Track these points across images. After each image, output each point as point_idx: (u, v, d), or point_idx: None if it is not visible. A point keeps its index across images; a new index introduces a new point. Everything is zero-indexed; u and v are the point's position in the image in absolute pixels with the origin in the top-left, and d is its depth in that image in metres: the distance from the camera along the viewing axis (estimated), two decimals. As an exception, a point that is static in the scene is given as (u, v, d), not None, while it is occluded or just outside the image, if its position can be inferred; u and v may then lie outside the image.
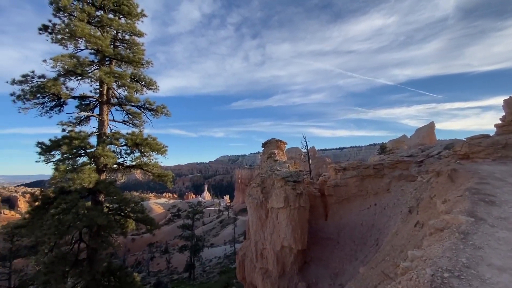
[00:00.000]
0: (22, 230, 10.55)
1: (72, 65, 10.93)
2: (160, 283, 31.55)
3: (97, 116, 12.30)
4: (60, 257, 10.17)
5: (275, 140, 14.21)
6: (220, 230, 75.78)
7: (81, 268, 10.44)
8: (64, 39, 11.17)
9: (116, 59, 12.80)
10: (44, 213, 10.09)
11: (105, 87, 12.35)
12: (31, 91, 10.52)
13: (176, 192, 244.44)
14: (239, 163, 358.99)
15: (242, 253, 13.80)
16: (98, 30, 12.24)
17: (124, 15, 13.08)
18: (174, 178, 14.15)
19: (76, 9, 11.44)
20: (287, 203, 10.07)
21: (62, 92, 10.95)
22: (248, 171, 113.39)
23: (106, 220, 10.31)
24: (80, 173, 9.86)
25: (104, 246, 10.95)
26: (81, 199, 10.33)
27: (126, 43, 13.46)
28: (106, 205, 11.89)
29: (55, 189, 10.52)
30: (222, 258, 43.54)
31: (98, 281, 10.86)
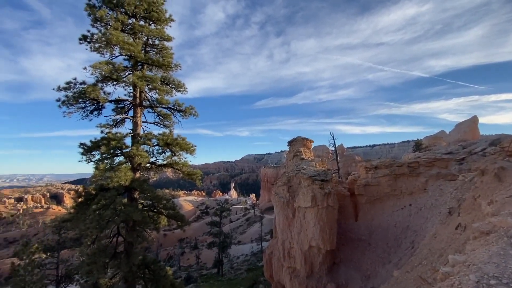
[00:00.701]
0: (68, 224, 11.60)
1: (109, 71, 11.74)
2: (190, 278, 32.81)
3: (131, 118, 13.07)
4: (101, 249, 10.99)
5: (301, 138, 13.99)
6: (246, 228, 76.67)
7: (119, 260, 11.18)
8: (101, 47, 12.02)
9: (147, 64, 13.49)
10: (86, 209, 10.97)
11: (138, 91, 13.10)
12: (74, 96, 11.45)
13: (204, 190, 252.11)
14: (265, 161, 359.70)
15: (269, 251, 13.81)
16: (130, 37, 13.00)
17: (154, 21, 13.72)
18: (202, 176, 14.60)
19: (111, 19, 12.24)
20: (315, 202, 9.87)
21: (100, 96, 11.81)
22: (274, 170, 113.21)
23: (141, 216, 10.96)
24: (117, 172, 10.55)
25: (139, 240, 11.65)
26: (118, 196, 11.08)
27: (156, 48, 14.12)
28: (141, 202, 12.59)
29: (95, 187, 11.38)
30: (249, 256, 44.02)
31: (134, 273, 11.57)
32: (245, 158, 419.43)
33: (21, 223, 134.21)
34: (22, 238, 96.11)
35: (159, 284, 11.75)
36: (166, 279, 11.80)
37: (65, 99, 11.41)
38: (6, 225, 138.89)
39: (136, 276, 11.71)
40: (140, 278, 12.02)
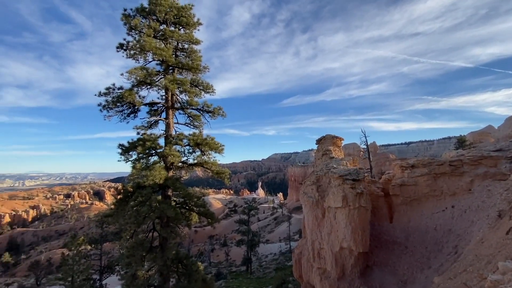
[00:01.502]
0: (109, 219, 12.52)
1: (143, 76, 12.45)
2: (220, 274, 33.66)
3: (164, 120, 13.73)
4: (138, 243, 11.72)
5: (330, 136, 13.58)
6: (274, 227, 76.59)
7: (155, 254, 11.83)
8: (136, 54, 12.78)
9: (178, 67, 14.05)
10: (125, 205, 11.76)
11: (169, 94, 13.72)
12: (113, 101, 12.32)
13: (232, 188, 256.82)
14: (292, 160, 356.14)
15: (299, 251, 13.65)
16: (162, 42, 13.64)
17: (183, 26, 14.25)
18: (230, 175, 14.89)
19: (144, 26, 12.97)
20: (346, 202, 9.53)
21: (136, 100, 12.57)
22: (301, 169, 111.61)
23: (174, 212, 11.48)
24: (152, 171, 11.16)
25: (173, 235, 12.21)
26: (153, 193, 11.73)
27: (185, 52, 14.66)
28: (174, 199, 13.18)
29: (133, 184, 12.14)
30: (278, 255, 43.94)
31: (169, 266, 12.16)
32: (272, 157, 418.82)
33: (70, 217, 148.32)
34: (70, 231, 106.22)
35: (191, 278, 12.21)
36: (198, 274, 12.23)
37: (105, 104, 12.31)
38: (57, 218, 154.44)
39: (170, 269, 12.30)
40: (173, 272, 12.61)
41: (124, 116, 13.24)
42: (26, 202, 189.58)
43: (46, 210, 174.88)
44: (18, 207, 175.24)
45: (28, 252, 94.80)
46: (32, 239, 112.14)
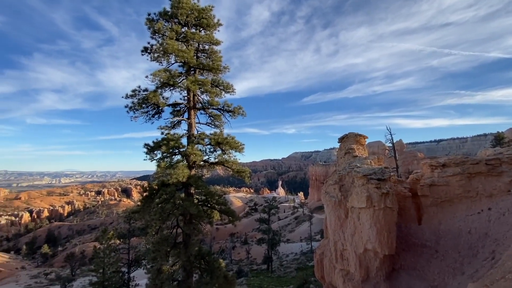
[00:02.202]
0: (136, 215, 13.12)
1: (166, 78, 12.87)
2: (241, 271, 34.03)
3: (186, 120, 14.12)
4: (163, 239, 12.17)
5: (353, 134, 13.16)
6: (295, 227, 75.92)
7: (178, 250, 12.22)
8: (159, 57, 13.25)
9: (199, 68, 14.36)
10: (151, 202, 12.26)
11: (191, 94, 14.08)
12: (138, 102, 12.87)
13: (252, 187, 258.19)
14: (313, 159, 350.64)
15: (320, 251, 13.41)
16: (184, 44, 14.01)
17: (204, 27, 14.52)
18: (251, 173, 14.98)
19: (167, 29, 13.39)
20: (370, 203, 9.19)
21: (160, 101, 13.04)
22: (323, 168, 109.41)
23: (197, 210, 11.79)
24: (175, 169, 11.54)
25: (196, 232, 12.55)
26: (177, 191, 12.12)
27: (206, 53, 14.95)
28: (196, 197, 13.52)
29: (158, 182, 12.62)
30: (299, 255, 43.53)
31: (192, 262, 12.51)
32: (292, 156, 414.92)
33: (100, 213, 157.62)
34: (101, 226, 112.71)
35: (213, 275, 12.48)
36: (220, 270, 12.47)
37: (132, 105, 12.90)
38: (89, 213, 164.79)
39: (193, 265, 12.65)
40: (196, 267, 12.96)
41: (149, 117, 13.79)
42: (62, 198, 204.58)
43: (79, 205, 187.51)
44: (55, 203, 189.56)
45: (64, 245, 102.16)
46: (68, 233, 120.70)
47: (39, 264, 78.41)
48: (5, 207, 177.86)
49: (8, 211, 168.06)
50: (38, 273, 60.19)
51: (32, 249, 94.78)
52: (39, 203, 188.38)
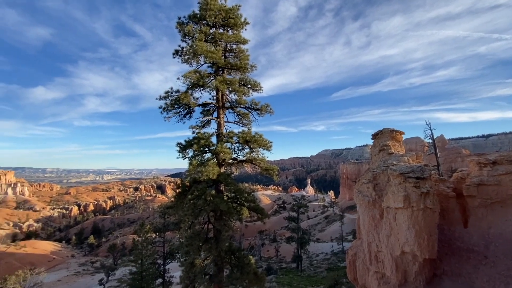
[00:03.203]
0: (170, 210, 13.79)
1: (196, 79, 13.30)
2: (270, 269, 34.14)
3: (216, 119, 14.47)
4: (195, 233, 12.65)
5: (388, 130, 12.43)
6: (325, 226, 74.15)
7: (210, 245, 12.62)
8: (190, 58, 13.71)
9: (227, 68, 14.61)
10: (184, 198, 12.79)
11: (220, 94, 14.38)
12: (171, 103, 13.46)
13: (281, 185, 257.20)
14: (343, 157, 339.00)
15: (353, 252, 12.92)
16: (212, 45, 14.35)
17: (231, 27, 14.71)
18: (279, 171, 14.92)
19: (196, 32, 13.80)
20: (408, 203, 8.61)
21: (191, 102, 13.52)
22: (355, 166, 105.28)
23: (227, 206, 12.06)
24: (206, 167, 11.90)
25: (226, 228, 12.86)
26: (208, 188, 12.51)
27: (234, 52, 15.15)
28: (226, 194, 13.82)
29: (190, 180, 13.11)
30: (329, 255, 42.46)
31: (223, 257, 12.85)
32: (322, 153, 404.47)
33: (138, 208, 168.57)
34: (139, 220, 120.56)
35: (243, 270, 12.68)
36: (250, 267, 12.63)
37: (165, 106, 13.54)
38: (128, 208, 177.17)
39: (224, 260, 12.98)
40: (227, 263, 13.27)
41: (181, 117, 14.37)
42: (105, 193, 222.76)
43: (120, 201, 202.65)
44: (99, 198, 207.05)
45: (107, 236, 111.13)
46: (110, 225, 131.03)
47: (86, 253, 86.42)
48: (57, 201, 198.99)
49: (60, 205, 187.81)
50: (85, 261, 66.39)
51: (80, 240, 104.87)
52: (86, 197, 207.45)
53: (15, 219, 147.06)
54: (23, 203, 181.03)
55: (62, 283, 40.29)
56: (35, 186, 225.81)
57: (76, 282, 41.03)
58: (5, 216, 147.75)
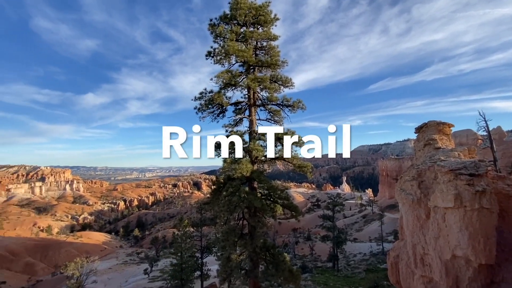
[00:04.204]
0: (206, 206, 14.34)
1: (228, 79, 13.56)
2: (305, 267, 33.72)
3: (248, 117, 14.62)
4: (231, 229, 12.98)
5: (434, 122, 11.38)
6: (363, 226, 70.88)
7: (245, 240, 12.86)
8: (222, 59, 14.00)
9: (258, 66, 14.63)
10: (219, 194, 13.20)
11: (251, 92, 14.48)
12: (205, 103, 13.92)
13: (314, 182, 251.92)
14: (382, 152, 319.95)
15: (395, 254, 12.16)
16: (243, 44, 14.47)
17: (261, 24, 14.68)
18: (313, 168, 14.60)
19: (228, 32, 14.04)
20: (460, 202, 7.80)
21: (223, 101, 13.83)
22: (395, 162, 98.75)
23: (261, 203, 12.16)
24: (239, 164, 12.11)
25: (260, 225, 12.99)
26: (242, 185, 12.73)
27: (264, 49, 15.11)
28: (259, 191, 13.93)
29: (224, 177, 13.47)
30: (368, 256, 40.54)
31: (258, 254, 13.01)
32: (358, 149, 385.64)
33: (177, 203, 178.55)
34: (177, 215, 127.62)
35: (278, 267, 12.71)
36: (285, 264, 12.61)
37: (200, 106, 14.05)
38: (168, 204, 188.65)
39: (259, 257, 13.13)
40: (262, 259, 13.41)
41: (215, 116, 14.78)
42: (147, 190, 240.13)
43: (160, 196, 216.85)
44: (142, 194, 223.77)
45: (150, 229, 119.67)
46: (152, 219, 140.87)
47: (132, 245, 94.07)
48: (106, 196, 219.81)
49: (109, 200, 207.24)
50: (131, 252, 72.38)
51: (127, 232, 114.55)
52: (130, 193, 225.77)
53: (72, 212, 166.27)
54: (79, 198, 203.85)
55: (113, 271, 44.45)
56: (88, 183, 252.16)
57: (125, 270, 44.95)
58: (64, 210, 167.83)
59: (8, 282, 49.74)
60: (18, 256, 64.01)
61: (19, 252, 65.47)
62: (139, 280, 36.09)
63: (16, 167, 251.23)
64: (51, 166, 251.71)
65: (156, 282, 33.46)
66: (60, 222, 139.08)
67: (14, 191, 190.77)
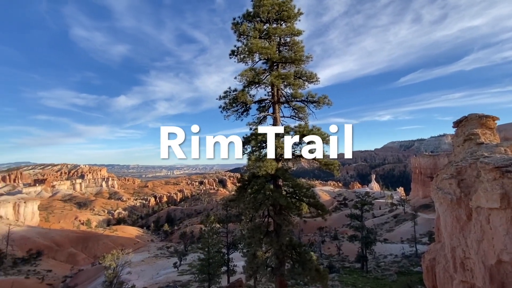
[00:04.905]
0: (232, 203, 14.53)
1: (252, 77, 13.55)
2: (332, 267, 32.96)
3: (272, 115, 14.54)
4: (256, 226, 13.04)
5: (476, 115, 10.43)
6: (394, 226, 67.60)
7: (271, 238, 12.85)
8: (245, 57, 14.03)
9: (282, 62, 14.47)
10: (244, 192, 13.31)
11: (275, 89, 14.37)
12: (229, 102, 14.06)
13: (341, 181, 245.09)
14: (415, 149, 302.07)
15: (431, 257, 11.43)
16: (266, 41, 14.38)
17: (284, 20, 14.48)
18: (340, 166, 14.16)
19: (251, 30, 14.03)
20: (507, 203, 7.08)
21: (247, 99, 13.88)
22: (430, 159, 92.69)
23: (286, 201, 12.06)
24: (264, 162, 12.09)
25: (286, 223, 12.89)
26: (266, 183, 12.72)
27: (288, 45, 14.89)
28: (284, 189, 13.83)
29: (249, 174, 13.55)
30: (400, 257, 38.59)
31: (284, 251, 12.94)
32: (388, 146, 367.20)
33: (203, 200, 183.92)
34: (204, 211, 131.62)
35: (305, 266, 12.55)
36: (312, 263, 12.41)
37: (224, 105, 14.22)
38: (195, 200, 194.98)
39: (285, 255, 13.06)
40: (288, 257, 13.32)
41: (239, 115, 14.89)
42: (175, 186, 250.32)
43: (187, 193, 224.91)
44: (170, 190, 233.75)
45: (179, 225, 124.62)
46: (180, 215, 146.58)
47: (162, 239, 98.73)
48: (138, 192, 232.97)
49: (141, 196, 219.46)
50: (162, 246, 75.95)
51: (157, 226, 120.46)
52: (160, 190, 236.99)
53: (108, 207, 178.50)
54: (114, 194, 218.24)
55: (145, 264, 47.01)
56: (121, 180, 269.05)
57: (156, 263, 47.33)
58: (101, 205, 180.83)
59: (53, 270, 54.94)
60: (62, 246, 70.41)
61: (63, 243, 71.99)
62: (169, 273, 37.79)
63: (59, 165, 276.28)
64: (89, 165, 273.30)
65: (185, 275, 34.78)
66: (98, 216, 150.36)
67: (58, 187, 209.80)
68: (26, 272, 50.99)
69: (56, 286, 44.53)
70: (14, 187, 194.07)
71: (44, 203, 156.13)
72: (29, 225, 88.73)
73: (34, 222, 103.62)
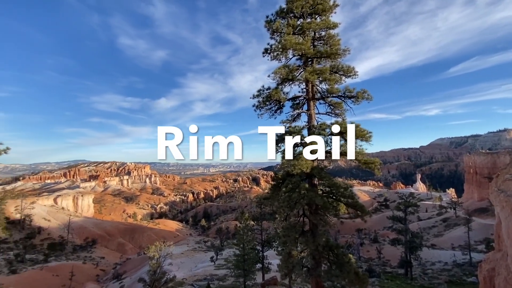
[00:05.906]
0: (266, 201, 14.55)
1: (285, 74, 13.38)
2: (372, 271, 31.26)
3: (306, 112, 14.20)
4: (291, 225, 12.89)
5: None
6: (443, 231, 61.74)
7: (306, 238, 12.60)
8: (278, 54, 13.87)
9: (316, 57, 14.03)
10: (279, 190, 13.24)
11: (310, 85, 13.99)
12: (263, 100, 14.06)
13: (381, 180, 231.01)
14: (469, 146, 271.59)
15: (489, 267, 10.18)
16: (300, 36, 14.06)
17: (319, 13, 13.99)
18: (381, 165, 13.31)
19: (284, 26, 13.83)
20: None
21: (281, 97, 13.75)
22: (487, 157, 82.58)
23: (322, 201, 11.72)
24: (298, 160, 11.88)
25: (322, 223, 12.51)
26: (301, 182, 12.49)
27: (323, 39, 14.36)
28: (320, 188, 13.45)
29: (283, 173, 13.45)
30: (451, 265, 35.11)
31: (320, 252, 12.61)
32: (436, 143, 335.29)
33: (237, 197, 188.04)
34: (238, 208, 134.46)
35: (343, 269, 12.05)
36: (350, 266, 11.88)
37: (258, 104, 14.26)
38: (230, 197, 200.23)
39: (322, 256, 12.71)
40: (325, 258, 12.94)
41: (273, 113, 14.82)
42: (211, 183, 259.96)
43: (223, 190, 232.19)
44: (207, 187, 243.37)
45: (215, 221, 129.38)
46: (216, 211, 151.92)
47: (200, 233, 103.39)
48: (178, 189, 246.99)
49: (180, 192, 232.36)
50: (199, 240, 79.52)
51: (195, 221, 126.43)
52: (197, 187, 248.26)
53: (151, 202, 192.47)
54: (156, 190, 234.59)
55: (184, 256, 49.69)
56: (163, 177, 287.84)
57: (194, 256, 49.72)
58: (145, 200, 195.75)
59: (106, 257, 61.12)
60: (113, 236, 77.88)
61: (113, 233, 79.58)
62: (206, 266, 39.43)
63: (109, 163, 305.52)
64: (134, 162, 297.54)
65: (221, 269, 35.96)
66: (142, 210, 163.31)
67: (109, 183, 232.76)
68: (83, 258, 57.60)
69: (108, 272, 49.52)
70: (73, 182, 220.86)
71: (97, 196, 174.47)
72: (85, 216, 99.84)
73: (89, 213, 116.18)
